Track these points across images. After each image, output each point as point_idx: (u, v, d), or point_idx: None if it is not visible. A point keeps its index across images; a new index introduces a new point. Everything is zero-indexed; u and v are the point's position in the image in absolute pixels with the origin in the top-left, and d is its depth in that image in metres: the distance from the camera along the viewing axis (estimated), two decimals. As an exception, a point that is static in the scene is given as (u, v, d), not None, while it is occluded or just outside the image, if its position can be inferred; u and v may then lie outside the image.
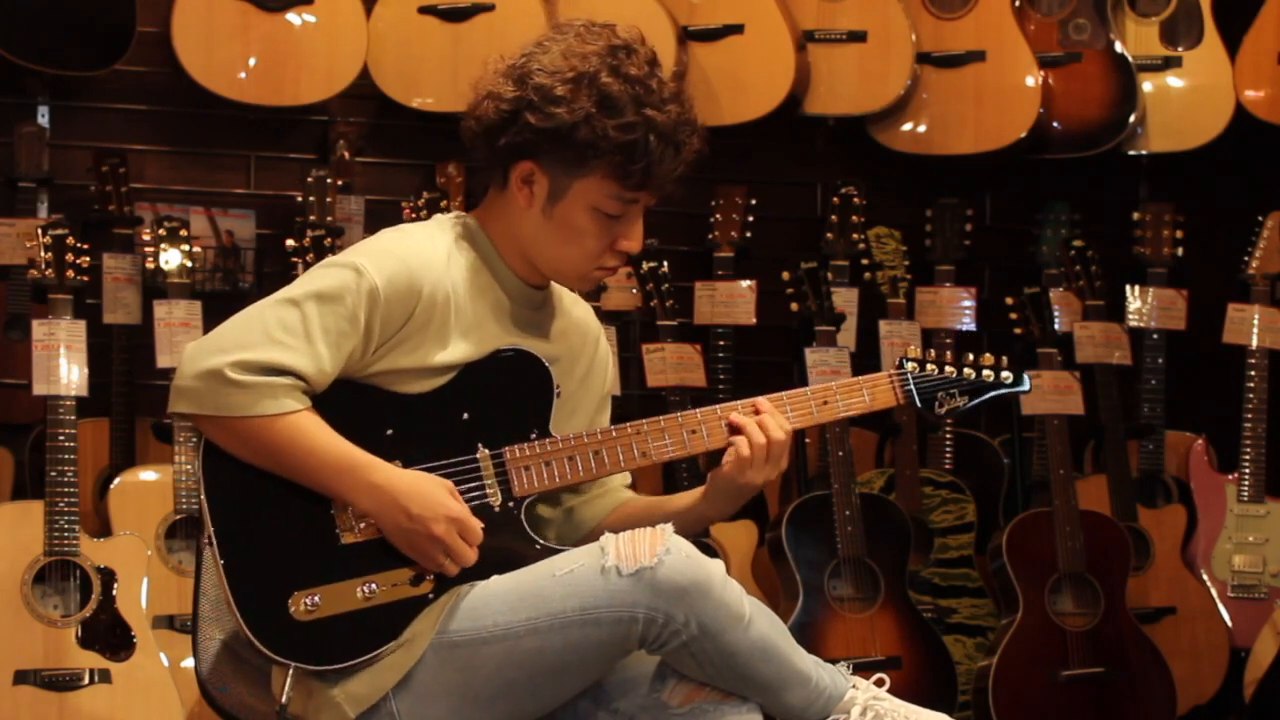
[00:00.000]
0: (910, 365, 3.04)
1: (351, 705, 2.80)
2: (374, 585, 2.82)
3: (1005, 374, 3.08)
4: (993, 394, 3.08)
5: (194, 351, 2.79)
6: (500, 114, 2.87)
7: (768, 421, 2.92)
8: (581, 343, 3.08)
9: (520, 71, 2.87)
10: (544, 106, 2.83)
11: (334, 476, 2.80)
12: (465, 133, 2.95)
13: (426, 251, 2.88)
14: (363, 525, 2.83)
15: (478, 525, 2.82)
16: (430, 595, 2.83)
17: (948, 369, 3.06)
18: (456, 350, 2.88)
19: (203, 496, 2.82)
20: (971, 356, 3.08)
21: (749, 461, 2.91)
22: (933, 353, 3.08)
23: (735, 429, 2.92)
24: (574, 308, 3.10)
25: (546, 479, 2.89)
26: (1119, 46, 5.41)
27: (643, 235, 2.97)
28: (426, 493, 2.80)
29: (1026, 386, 3.10)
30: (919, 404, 3.04)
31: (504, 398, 2.90)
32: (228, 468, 2.81)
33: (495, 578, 2.83)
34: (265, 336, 2.77)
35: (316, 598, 2.80)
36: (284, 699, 2.83)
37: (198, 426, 2.84)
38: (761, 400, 2.95)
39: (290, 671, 2.83)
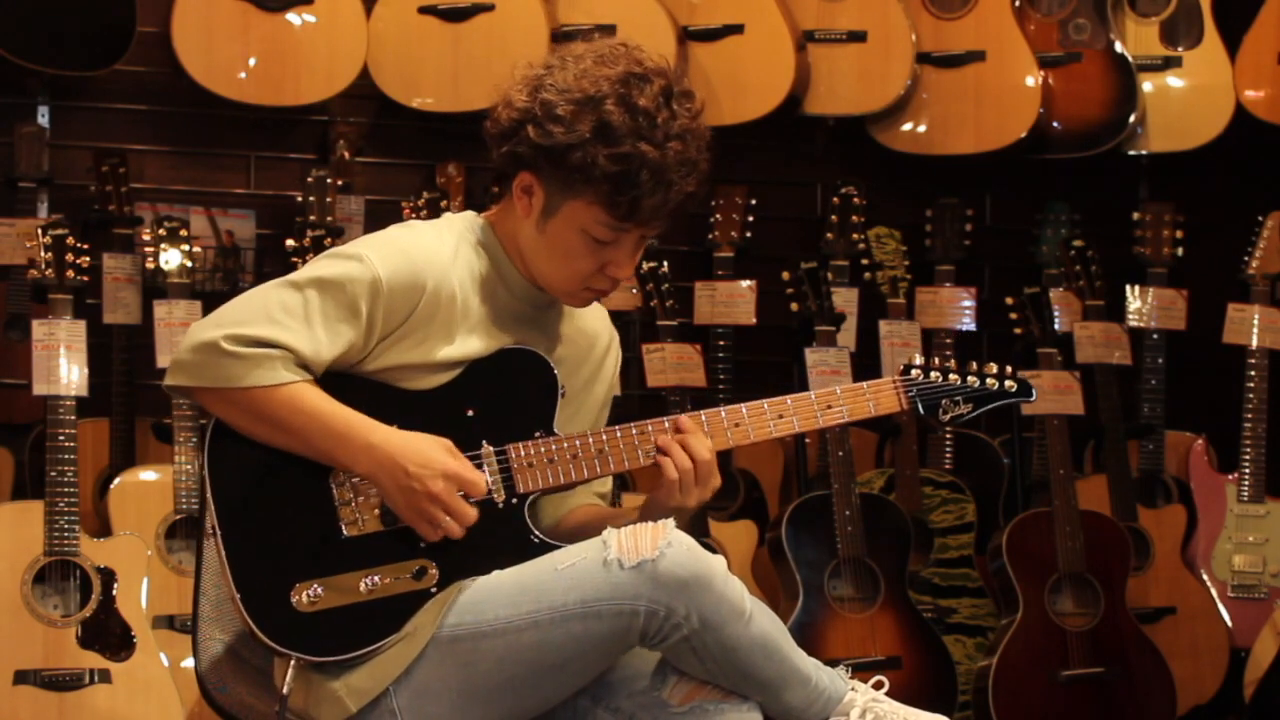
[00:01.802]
0: (915, 372, 3.03)
1: (353, 698, 2.80)
2: (376, 578, 2.82)
3: (1010, 383, 3.06)
4: (998, 404, 3.07)
5: (194, 328, 2.83)
6: (509, 120, 2.88)
7: (690, 442, 2.90)
8: (589, 348, 3.08)
9: (535, 83, 2.87)
10: (544, 123, 2.83)
11: (333, 441, 2.80)
12: (484, 131, 2.96)
13: (433, 247, 2.89)
14: (366, 518, 2.84)
15: (480, 480, 2.82)
16: (432, 589, 2.83)
17: (952, 376, 3.04)
18: (462, 347, 2.89)
19: (206, 487, 2.83)
20: (975, 364, 3.07)
21: (679, 485, 2.90)
22: (937, 359, 3.07)
23: (661, 451, 2.90)
24: (587, 313, 3.10)
25: (550, 477, 2.89)
26: (1119, 46, 5.41)
27: (635, 264, 2.95)
28: (423, 450, 2.81)
29: (1033, 397, 3.09)
30: (923, 411, 3.03)
31: (509, 395, 2.91)
32: (231, 459, 2.83)
33: (497, 572, 2.83)
34: (264, 315, 2.80)
35: (319, 589, 2.80)
36: (285, 690, 2.83)
37: (198, 401, 2.86)
38: (682, 419, 2.92)
39: (292, 663, 2.83)
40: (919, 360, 3.05)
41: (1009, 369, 3.08)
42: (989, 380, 3.06)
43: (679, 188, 2.85)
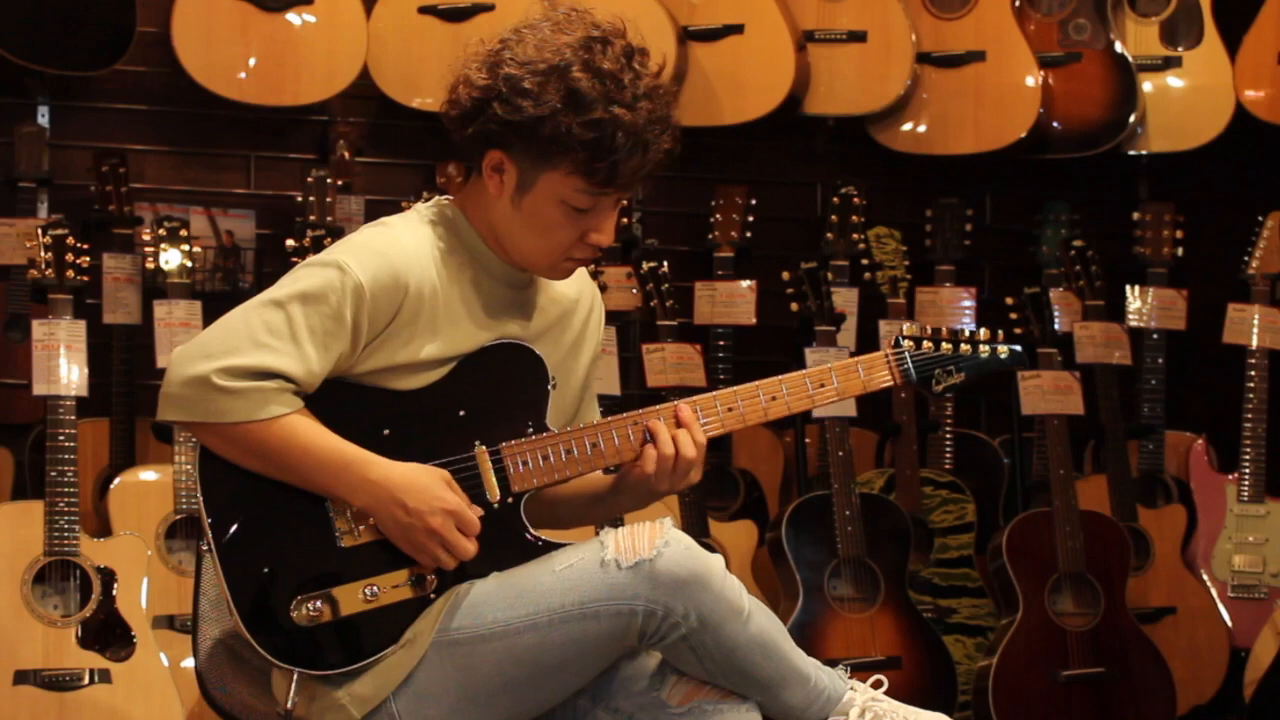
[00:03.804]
0: (907, 343, 3.03)
1: (356, 706, 2.80)
2: (375, 587, 2.82)
3: (1001, 348, 3.05)
4: (990, 369, 3.05)
5: (180, 357, 2.78)
6: (471, 101, 2.84)
7: (681, 437, 2.90)
8: (569, 313, 3.05)
9: (494, 59, 2.83)
10: (511, 98, 2.80)
11: (329, 475, 2.78)
12: (442, 115, 2.92)
13: (410, 245, 2.87)
14: (362, 528, 2.83)
15: (475, 518, 2.81)
16: (431, 595, 2.83)
17: (944, 346, 3.03)
18: (449, 342, 2.86)
19: (201, 504, 2.81)
20: (968, 332, 3.06)
21: (655, 475, 2.91)
22: (929, 329, 3.05)
23: (650, 436, 2.90)
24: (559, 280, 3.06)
25: (544, 473, 2.89)
26: (1119, 46, 5.41)
27: (616, 228, 2.93)
28: (422, 486, 2.79)
29: (1026, 363, 3.08)
30: (915, 381, 3.02)
31: (499, 392, 2.90)
32: (226, 474, 2.80)
33: (494, 575, 2.83)
34: (251, 340, 2.76)
35: (318, 602, 2.79)
36: (289, 704, 2.83)
37: (191, 433, 2.82)
38: (684, 409, 2.93)
39: (294, 676, 2.83)
40: (912, 331, 3.04)
41: (1000, 334, 3.07)
42: (981, 348, 3.05)
43: (656, 146, 2.83)
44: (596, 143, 2.78)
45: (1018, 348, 3.07)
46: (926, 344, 3.02)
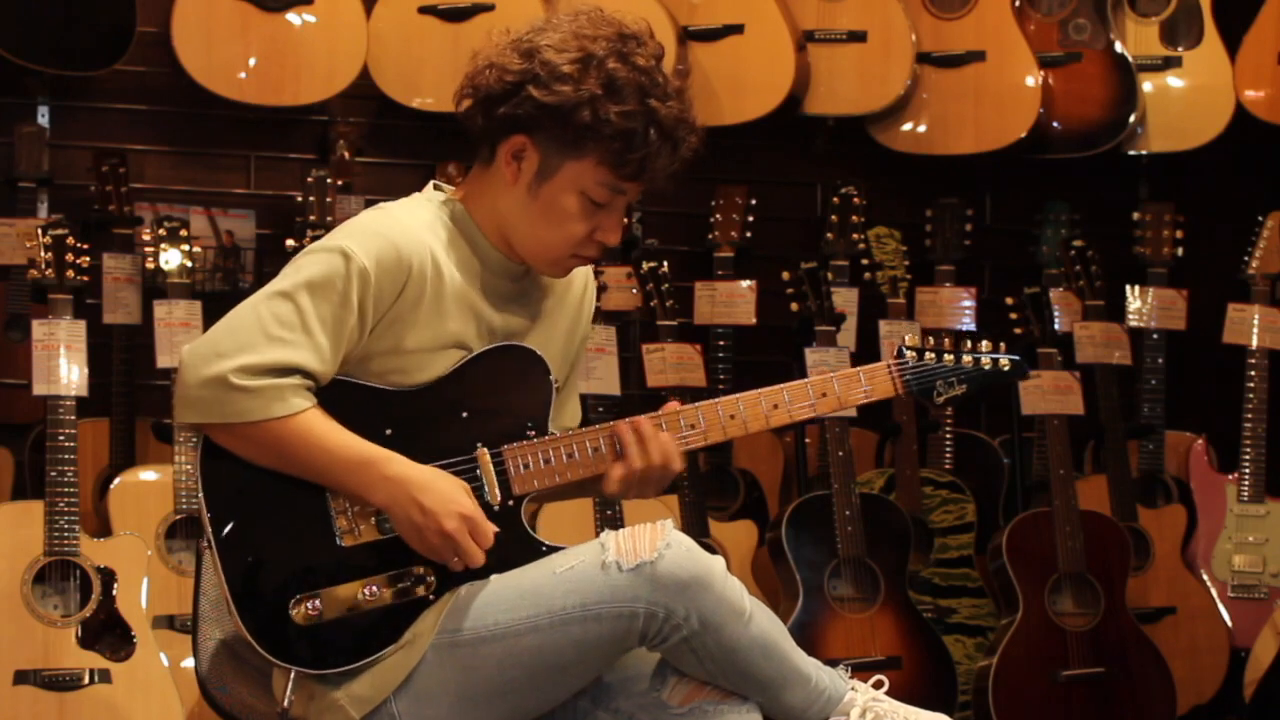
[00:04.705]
0: (909, 354, 3.02)
1: (355, 707, 2.80)
2: (375, 587, 2.81)
3: (1004, 361, 3.05)
4: (992, 382, 3.05)
5: (193, 359, 2.75)
6: (503, 84, 2.84)
7: (651, 449, 2.89)
8: (565, 294, 3.05)
9: (528, 46, 2.84)
10: (550, 82, 2.80)
11: (348, 472, 2.78)
12: (459, 100, 2.91)
13: (411, 227, 2.86)
14: (363, 527, 2.83)
15: (490, 529, 2.81)
16: (431, 597, 2.82)
17: (946, 357, 3.02)
18: (449, 328, 2.86)
19: (201, 501, 2.80)
20: (970, 344, 3.05)
21: (629, 488, 2.91)
22: (932, 340, 3.04)
23: (621, 450, 2.90)
24: None
25: (545, 476, 2.89)
26: (1119, 46, 5.42)
27: (622, 229, 2.94)
28: (441, 489, 2.79)
29: (1028, 376, 3.07)
30: (917, 392, 3.02)
31: (502, 394, 2.90)
32: (227, 472, 2.80)
33: (495, 577, 2.82)
34: (264, 335, 2.75)
35: (317, 601, 2.79)
36: (285, 703, 2.82)
37: (206, 434, 2.80)
38: (644, 426, 2.90)
39: (292, 674, 2.82)
40: (915, 341, 3.04)
41: (1003, 346, 3.06)
42: (983, 360, 3.04)
43: (686, 144, 2.85)
44: (631, 134, 2.80)
45: (1020, 358, 3.06)
46: (929, 355, 3.02)
